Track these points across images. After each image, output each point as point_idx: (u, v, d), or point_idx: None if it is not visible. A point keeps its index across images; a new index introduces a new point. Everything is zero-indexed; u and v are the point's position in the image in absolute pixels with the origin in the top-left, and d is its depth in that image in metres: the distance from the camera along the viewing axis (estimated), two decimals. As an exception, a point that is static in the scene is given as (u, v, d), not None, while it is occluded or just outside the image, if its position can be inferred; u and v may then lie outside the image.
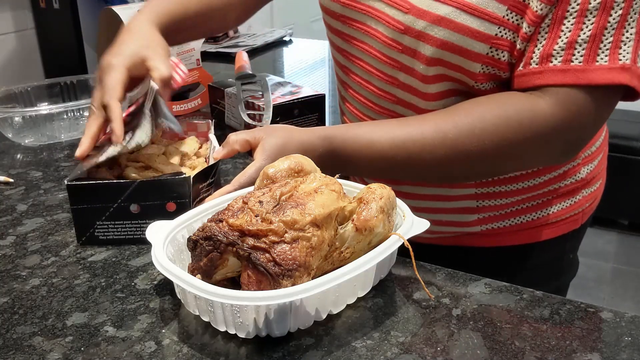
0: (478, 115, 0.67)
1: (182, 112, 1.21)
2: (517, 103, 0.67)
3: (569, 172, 0.81)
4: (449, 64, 0.70)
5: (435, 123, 0.69)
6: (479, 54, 0.68)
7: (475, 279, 0.64)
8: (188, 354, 0.53)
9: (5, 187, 0.90)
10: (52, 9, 1.39)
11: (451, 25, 0.67)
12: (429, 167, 0.70)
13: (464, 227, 0.83)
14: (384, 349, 0.53)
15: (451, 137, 0.67)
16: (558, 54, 0.65)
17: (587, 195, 0.85)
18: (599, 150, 0.86)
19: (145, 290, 0.63)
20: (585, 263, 2.46)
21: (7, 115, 1.05)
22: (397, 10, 0.71)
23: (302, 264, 0.53)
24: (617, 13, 0.62)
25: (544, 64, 0.66)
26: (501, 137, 0.67)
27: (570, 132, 0.68)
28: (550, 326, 0.56)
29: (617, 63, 0.63)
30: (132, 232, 0.72)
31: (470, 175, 0.76)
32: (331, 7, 0.80)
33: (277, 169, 0.62)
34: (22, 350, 0.54)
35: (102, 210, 0.71)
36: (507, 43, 0.67)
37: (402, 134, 0.70)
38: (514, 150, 0.68)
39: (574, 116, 0.66)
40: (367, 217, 0.58)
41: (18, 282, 0.65)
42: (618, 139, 2.53)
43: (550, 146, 0.69)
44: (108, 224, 0.71)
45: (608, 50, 0.63)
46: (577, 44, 0.64)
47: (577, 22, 0.63)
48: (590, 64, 0.64)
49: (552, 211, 0.83)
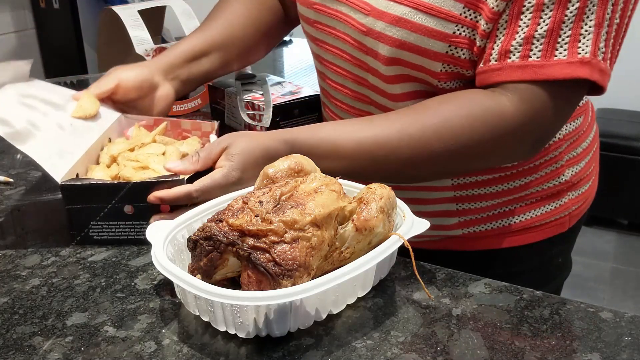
0: (444, 116, 0.67)
1: (182, 111, 1.21)
2: (482, 102, 0.67)
3: (552, 174, 0.81)
4: (410, 64, 0.70)
5: (401, 124, 0.69)
6: (438, 53, 0.68)
7: (475, 279, 0.64)
8: (188, 354, 0.53)
9: (5, 187, 0.90)
10: (52, 9, 1.39)
11: (408, 25, 0.67)
12: (396, 169, 0.70)
13: (445, 230, 0.83)
14: (384, 349, 0.54)
15: (416, 138, 0.67)
16: (516, 49, 0.64)
17: (574, 198, 0.84)
18: (586, 151, 0.84)
19: (145, 290, 0.63)
20: (585, 263, 2.47)
21: (7, 115, 1.05)
22: (360, 13, 0.71)
23: (302, 264, 0.53)
24: (575, 6, 0.61)
25: (503, 61, 0.65)
26: (467, 137, 0.67)
27: (536, 128, 0.67)
28: (550, 326, 0.57)
29: (576, 57, 0.63)
30: (126, 232, 0.72)
31: (439, 175, 0.76)
32: (306, 14, 0.82)
33: (277, 169, 0.62)
34: (22, 350, 0.54)
35: (97, 210, 0.71)
36: (466, 41, 0.67)
37: (367, 137, 0.69)
38: (481, 149, 0.68)
39: (538, 112, 0.65)
40: (367, 217, 0.58)
41: (18, 282, 0.65)
42: (617, 139, 2.53)
43: (516, 143, 0.69)
44: (102, 224, 0.72)
45: (567, 44, 0.63)
46: (535, 39, 0.63)
47: (534, 17, 0.63)
48: (549, 59, 0.63)
49: (535, 214, 0.82)
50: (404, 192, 0.81)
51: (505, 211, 0.81)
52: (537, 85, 0.64)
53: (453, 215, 0.82)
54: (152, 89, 0.88)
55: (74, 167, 0.75)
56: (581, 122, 0.82)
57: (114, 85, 0.85)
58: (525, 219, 0.82)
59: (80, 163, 0.77)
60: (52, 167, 0.73)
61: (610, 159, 2.41)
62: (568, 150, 0.81)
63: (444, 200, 0.81)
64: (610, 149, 2.46)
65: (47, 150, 0.75)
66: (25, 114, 0.78)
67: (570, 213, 0.84)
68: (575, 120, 0.81)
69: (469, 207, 0.81)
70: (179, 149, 0.81)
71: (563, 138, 0.80)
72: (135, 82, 0.86)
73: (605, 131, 1.39)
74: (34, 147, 0.74)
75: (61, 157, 0.76)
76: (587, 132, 0.84)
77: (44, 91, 0.85)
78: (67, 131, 0.81)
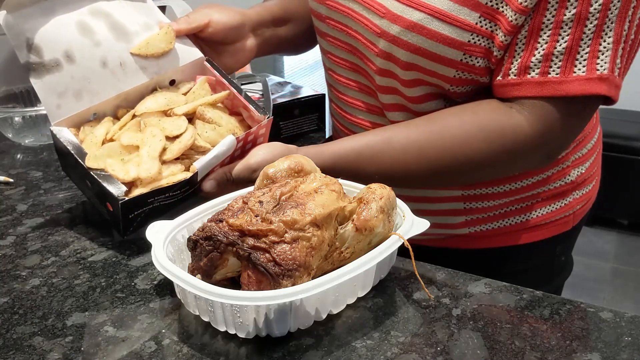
0: (462, 137, 0.69)
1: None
2: (498, 116, 0.68)
3: (558, 174, 0.81)
4: (424, 70, 0.70)
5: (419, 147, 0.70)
6: (453, 60, 0.68)
7: (475, 279, 0.64)
8: (188, 354, 0.53)
9: (5, 187, 0.90)
10: (52, 9, 1.39)
11: (423, 31, 0.67)
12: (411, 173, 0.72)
13: (451, 229, 0.83)
14: (384, 349, 0.53)
15: (434, 161, 0.70)
16: (535, 65, 0.65)
17: (579, 198, 0.85)
18: (591, 152, 0.85)
19: (145, 290, 0.63)
20: (585, 263, 2.46)
21: (7, 115, 1.05)
22: (374, 14, 0.71)
23: (302, 264, 0.53)
24: (593, 23, 0.62)
25: (522, 76, 0.66)
26: (483, 157, 0.69)
27: (549, 143, 0.69)
28: (550, 326, 0.56)
29: (594, 73, 0.63)
30: (88, 196, 0.74)
31: (446, 185, 0.79)
32: (318, 10, 0.82)
33: (277, 169, 0.62)
34: (22, 350, 0.54)
35: (71, 168, 0.73)
36: (482, 50, 0.67)
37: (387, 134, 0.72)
38: (494, 164, 0.70)
39: (553, 129, 0.66)
40: (367, 217, 0.58)
41: (18, 282, 0.65)
42: (618, 139, 2.53)
43: (529, 158, 0.71)
44: (74, 178, 0.74)
45: (585, 61, 0.63)
46: (554, 55, 0.64)
47: (553, 34, 0.63)
48: (568, 75, 0.64)
49: (541, 213, 0.82)
50: (411, 190, 0.81)
51: (512, 210, 0.81)
52: (554, 102, 0.65)
53: (460, 214, 0.82)
54: (239, 38, 0.85)
55: (86, 111, 0.72)
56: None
57: (205, 23, 0.81)
58: (531, 218, 0.82)
59: (103, 106, 0.73)
60: (53, 108, 0.69)
61: (611, 159, 2.41)
62: (574, 152, 0.82)
63: (452, 199, 0.81)
64: (611, 149, 2.46)
65: (60, 88, 0.70)
66: (68, 40, 0.73)
67: (575, 212, 0.85)
68: None
69: (477, 206, 0.81)
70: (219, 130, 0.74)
71: None
72: (226, 24, 0.82)
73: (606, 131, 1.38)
74: (47, 82, 0.70)
75: (78, 98, 0.71)
76: (592, 133, 0.85)
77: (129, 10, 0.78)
78: (108, 68, 0.74)
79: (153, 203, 0.69)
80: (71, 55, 0.72)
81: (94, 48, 0.74)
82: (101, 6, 0.76)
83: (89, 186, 0.70)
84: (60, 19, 0.73)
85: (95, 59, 0.74)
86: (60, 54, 0.72)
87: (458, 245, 0.84)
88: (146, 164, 0.69)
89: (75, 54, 0.73)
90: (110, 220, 0.71)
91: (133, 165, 0.69)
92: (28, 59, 0.70)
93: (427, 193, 0.82)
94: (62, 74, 0.72)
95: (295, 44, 0.96)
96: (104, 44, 0.75)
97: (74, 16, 0.74)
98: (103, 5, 0.76)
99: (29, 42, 0.70)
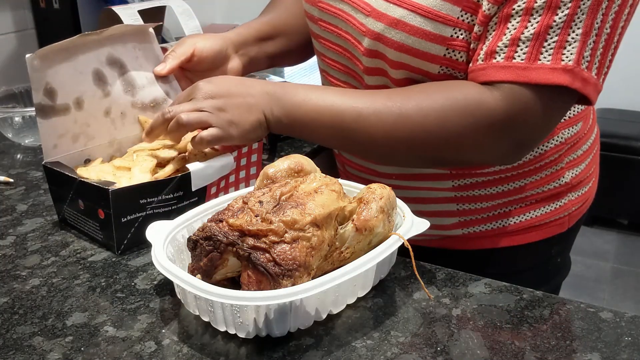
0: (427, 95, 0.68)
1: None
2: (467, 90, 0.67)
3: (552, 176, 0.81)
4: (411, 67, 0.70)
5: (388, 93, 0.70)
6: (436, 56, 0.68)
7: (475, 279, 0.64)
8: (188, 354, 0.53)
9: (5, 187, 0.90)
10: (52, 9, 1.39)
11: (406, 28, 0.67)
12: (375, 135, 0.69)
13: (444, 230, 0.83)
14: (384, 349, 0.54)
15: (398, 105, 0.68)
16: (501, 50, 0.64)
17: (574, 199, 0.84)
18: (587, 154, 0.85)
19: (145, 290, 0.63)
20: (585, 263, 2.46)
21: (7, 115, 1.05)
22: (360, 13, 0.72)
23: (302, 264, 0.53)
24: (564, 12, 0.61)
25: (488, 61, 0.65)
26: (444, 118, 0.67)
27: (516, 128, 0.67)
28: (550, 326, 0.56)
29: (559, 64, 0.63)
30: (86, 226, 0.73)
31: (414, 160, 0.75)
32: (311, 12, 0.82)
33: (277, 169, 0.62)
34: (22, 350, 0.54)
35: (64, 196, 0.73)
36: (464, 44, 0.67)
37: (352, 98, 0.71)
38: (457, 136, 0.67)
39: (518, 112, 0.65)
40: (367, 217, 0.58)
41: (18, 282, 0.65)
42: (617, 139, 2.53)
43: (495, 139, 0.68)
44: (70, 211, 0.74)
45: (552, 50, 0.63)
46: (521, 41, 0.63)
47: (522, 20, 0.63)
48: (533, 62, 0.63)
49: (535, 215, 0.82)
50: (404, 191, 0.81)
51: (505, 212, 0.81)
52: (520, 87, 0.64)
53: (453, 215, 0.82)
54: (224, 61, 0.87)
55: (79, 153, 0.75)
56: (581, 127, 0.82)
57: (190, 53, 0.84)
58: (525, 220, 0.82)
59: (97, 151, 0.77)
60: (50, 147, 0.73)
61: (610, 159, 2.41)
62: (568, 153, 0.81)
63: (444, 200, 0.81)
64: (610, 149, 2.46)
65: (62, 130, 0.74)
66: (83, 89, 0.77)
67: (570, 214, 0.84)
68: (574, 126, 0.81)
69: (469, 208, 0.81)
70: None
71: (564, 142, 0.80)
72: (210, 52, 0.85)
73: (605, 131, 1.38)
74: (52, 123, 0.73)
75: (74, 140, 0.75)
76: (588, 135, 0.84)
77: (141, 62, 0.83)
78: (110, 117, 0.79)
79: (146, 208, 0.70)
80: (81, 102, 0.77)
81: (103, 98, 0.79)
82: (120, 55, 0.81)
83: (81, 207, 0.72)
84: (81, 66, 0.77)
85: (101, 108, 0.79)
86: (72, 100, 0.76)
87: (453, 246, 0.84)
88: (137, 177, 0.72)
89: (84, 102, 0.77)
90: (103, 238, 0.71)
91: (125, 180, 0.72)
92: (41, 101, 0.73)
93: (420, 194, 0.81)
94: (67, 118, 0.76)
95: (289, 56, 0.97)
96: (112, 95, 0.80)
97: (92, 64, 0.78)
98: (121, 54, 0.81)
99: (47, 87, 0.74)
